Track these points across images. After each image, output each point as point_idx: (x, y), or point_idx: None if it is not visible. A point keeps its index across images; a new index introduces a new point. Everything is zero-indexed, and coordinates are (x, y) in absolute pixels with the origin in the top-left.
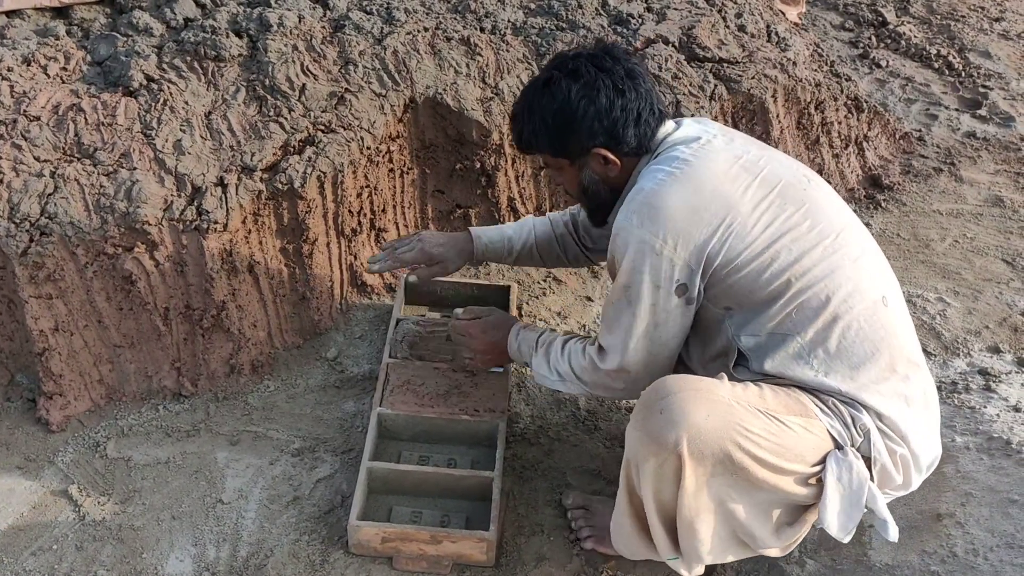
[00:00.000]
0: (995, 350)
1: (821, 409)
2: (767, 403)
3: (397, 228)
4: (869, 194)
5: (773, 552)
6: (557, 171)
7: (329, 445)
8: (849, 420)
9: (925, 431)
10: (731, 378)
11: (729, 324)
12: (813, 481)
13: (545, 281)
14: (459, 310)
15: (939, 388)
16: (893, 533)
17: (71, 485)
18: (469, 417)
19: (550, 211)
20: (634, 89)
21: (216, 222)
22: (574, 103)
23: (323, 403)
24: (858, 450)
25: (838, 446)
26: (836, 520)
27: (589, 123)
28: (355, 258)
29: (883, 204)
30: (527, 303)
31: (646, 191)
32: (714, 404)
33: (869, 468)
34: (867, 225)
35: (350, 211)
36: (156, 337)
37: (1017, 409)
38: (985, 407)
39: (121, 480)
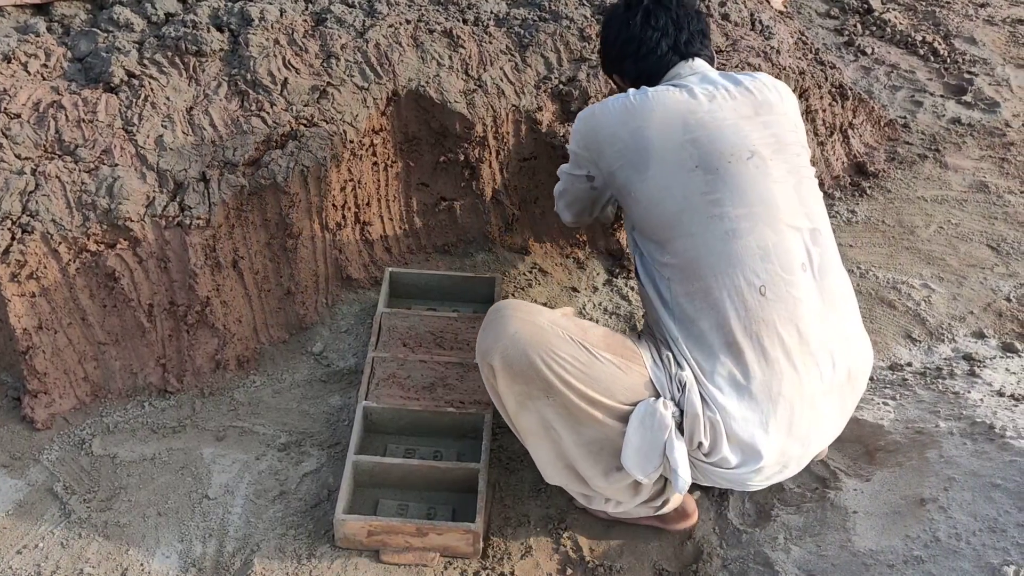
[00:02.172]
0: (979, 335)
1: (654, 360)
2: (587, 335)
3: (382, 222)
4: (854, 181)
5: (607, 493)
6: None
7: (315, 439)
8: (674, 373)
9: (754, 424)
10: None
11: (632, 236)
12: (625, 421)
13: (531, 272)
14: None
15: (924, 374)
16: (681, 484)
17: (56, 483)
18: (455, 409)
19: (535, 203)
20: (642, 26)
21: (199, 218)
22: (603, 30)
23: (309, 397)
24: (677, 404)
25: (658, 396)
26: (632, 457)
27: (605, 48)
28: (340, 252)
29: (868, 191)
30: (513, 294)
31: (602, 103)
32: (527, 324)
33: (680, 423)
34: (852, 212)
35: (334, 205)
36: (141, 334)
37: (1001, 394)
38: (969, 392)
39: (107, 477)
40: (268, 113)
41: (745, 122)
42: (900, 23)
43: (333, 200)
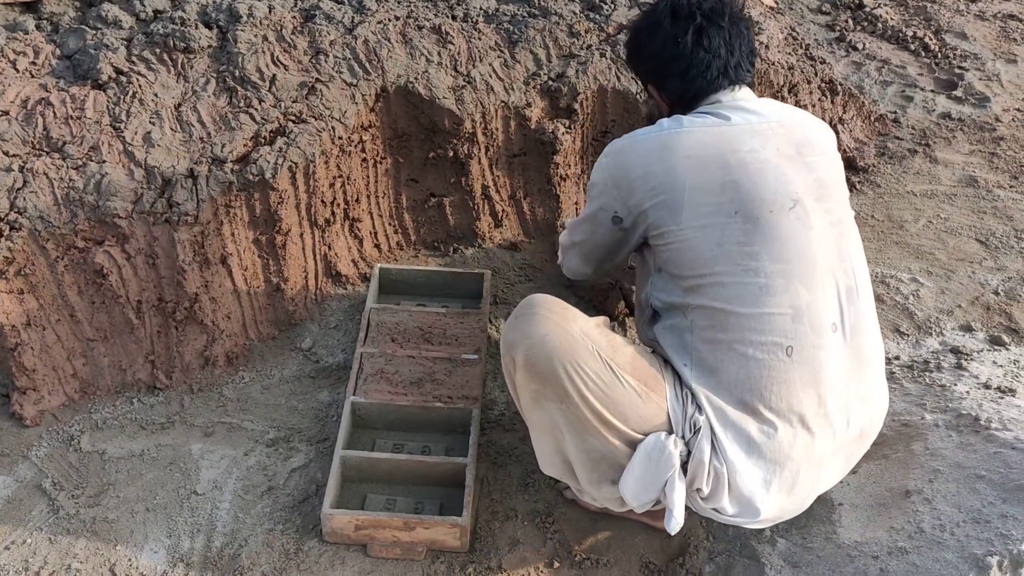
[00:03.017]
0: (967, 329)
1: (675, 393)
2: (616, 355)
3: (371, 218)
4: (844, 176)
5: (591, 500)
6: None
7: (304, 435)
8: (690, 413)
9: (757, 481)
10: (640, 330)
11: (655, 278)
12: (632, 447)
13: (520, 268)
14: None
15: (911, 367)
16: (673, 526)
17: (45, 479)
18: (443, 404)
19: (524, 199)
20: (694, 45)
21: (187, 214)
22: (640, 34)
23: (298, 393)
24: (687, 444)
25: (671, 432)
26: (631, 486)
27: (645, 59)
28: (329, 248)
29: (858, 186)
30: (502, 290)
31: (637, 134)
32: (559, 329)
33: (684, 465)
34: None
35: (323, 201)
36: (129, 330)
37: (987, 386)
38: (955, 385)
39: (95, 473)
40: (256, 109)
41: (788, 164)
42: (891, 18)
43: (322, 196)
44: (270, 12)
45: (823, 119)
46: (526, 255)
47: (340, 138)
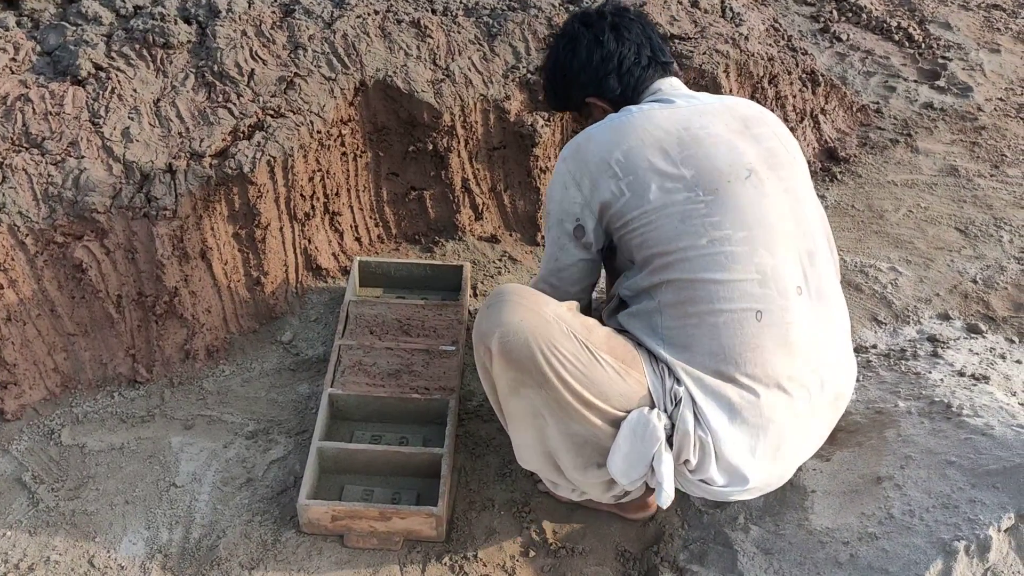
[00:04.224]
0: (945, 317)
1: (652, 368)
2: (591, 335)
3: (352, 212)
4: (825, 167)
5: (574, 486)
6: (577, 123)
7: (283, 427)
8: (669, 386)
9: (743, 448)
10: (606, 321)
11: (621, 268)
12: (616, 426)
13: (500, 260)
14: None
15: (888, 356)
16: (664, 499)
17: (25, 473)
18: (420, 396)
19: (504, 192)
20: (616, 39)
21: (165, 208)
22: (562, 59)
23: (278, 386)
24: (669, 417)
25: (653, 406)
26: (619, 464)
27: (576, 75)
28: (309, 242)
29: (839, 176)
30: (482, 282)
31: (585, 132)
32: (532, 314)
33: (670, 438)
34: (822, 197)
35: (302, 195)
36: (110, 324)
37: (962, 374)
38: (930, 373)
39: (75, 467)
40: (235, 104)
41: (738, 137)
42: (876, 9)
43: (301, 190)
44: (249, 7)
45: (804, 110)
46: (506, 247)
47: (319, 132)
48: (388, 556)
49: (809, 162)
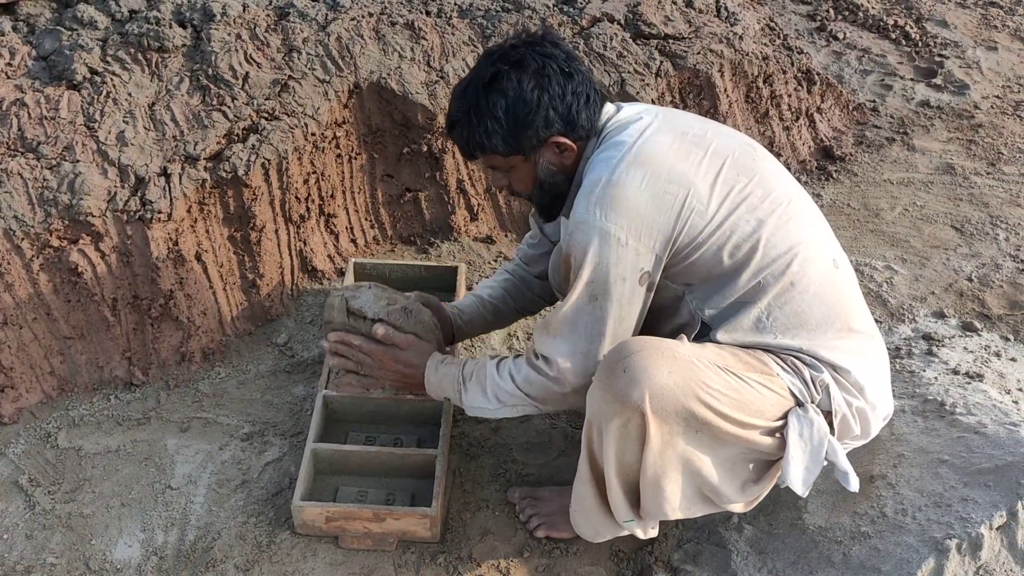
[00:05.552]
0: (940, 315)
1: (782, 367)
2: (726, 361)
3: (347, 214)
4: (821, 165)
5: (737, 508)
6: (507, 171)
7: (278, 429)
8: (808, 378)
9: (880, 384)
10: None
11: (690, 299)
12: (776, 435)
13: (495, 261)
14: (378, 325)
15: None
16: (854, 484)
17: (22, 476)
18: (414, 397)
19: (499, 193)
20: (578, 71)
21: (160, 212)
22: (528, 94)
23: (273, 388)
24: (818, 406)
25: (799, 403)
26: (799, 476)
27: (545, 111)
28: (304, 244)
29: (835, 175)
30: (477, 283)
31: (604, 181)
32: (675, 361)
33: (830, 422)
34: (818, 196)
35: (297, 197)
36: (105, 328)
37: (956, 372)
38: (924, 371)
39: (72, 469)
40: (229, 107)
41: (713, 124)
42: (872, 7)
43: (296, 192)
44: (244, 10)
45: (800, 109)
46: (501, 248)
47: (313, 134)
48: (383, 557)
49: (805, 161)
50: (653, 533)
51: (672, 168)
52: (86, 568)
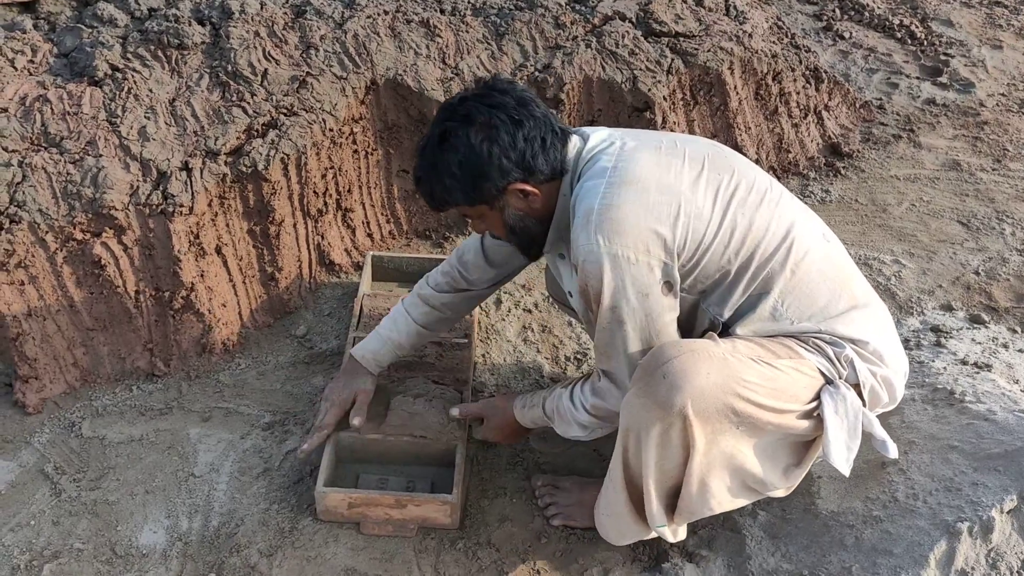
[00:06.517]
0: (948, 308)
1: (806, 349)
2: (757, 352)
3: (364, 208)
4: (829, 162)
5: (780, 493)
6: (478, 219)
7: (299, 418)
8: (832, 355)
9: (895, 346)
10: None
11: (706, 306)
12: (813, 416)
13: None
14: (452, 409)
15: None
16: (893, 451)
17: (47, 464)
18: (435, 385)
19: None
20: (531, 116)
21: (182, 205)
22: (477, 147)
23: (293, 379)
24: (846, 381)
25: (828, 381)
26: (841, 452)
27: (498, 162)
28: (322, 238)
29: (842, 171)
30: None
31: (597, 209)
32: (712, 361)
33: (860, 395)
34: (826, 192)
35: (315, 192)
36: (128, 320)
37: (964, 362)
38: (933, 361)
39: (96, 458)
40: (249, 103)
41: (678, 134)
42: (878, 7)
43: (314, 187)
44: (262, 8)
45: (808, 106)
46: None
47: (331, 130)
48: (403, 543)
49: (813, 157)
50: (682, 535)
51: (659, 181)
52: (112, 553)
